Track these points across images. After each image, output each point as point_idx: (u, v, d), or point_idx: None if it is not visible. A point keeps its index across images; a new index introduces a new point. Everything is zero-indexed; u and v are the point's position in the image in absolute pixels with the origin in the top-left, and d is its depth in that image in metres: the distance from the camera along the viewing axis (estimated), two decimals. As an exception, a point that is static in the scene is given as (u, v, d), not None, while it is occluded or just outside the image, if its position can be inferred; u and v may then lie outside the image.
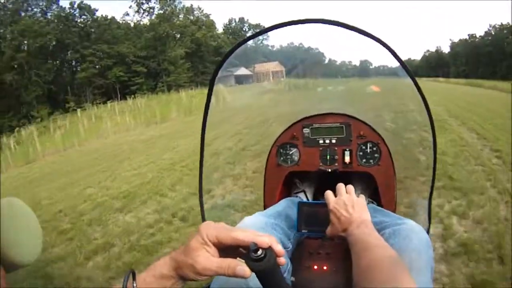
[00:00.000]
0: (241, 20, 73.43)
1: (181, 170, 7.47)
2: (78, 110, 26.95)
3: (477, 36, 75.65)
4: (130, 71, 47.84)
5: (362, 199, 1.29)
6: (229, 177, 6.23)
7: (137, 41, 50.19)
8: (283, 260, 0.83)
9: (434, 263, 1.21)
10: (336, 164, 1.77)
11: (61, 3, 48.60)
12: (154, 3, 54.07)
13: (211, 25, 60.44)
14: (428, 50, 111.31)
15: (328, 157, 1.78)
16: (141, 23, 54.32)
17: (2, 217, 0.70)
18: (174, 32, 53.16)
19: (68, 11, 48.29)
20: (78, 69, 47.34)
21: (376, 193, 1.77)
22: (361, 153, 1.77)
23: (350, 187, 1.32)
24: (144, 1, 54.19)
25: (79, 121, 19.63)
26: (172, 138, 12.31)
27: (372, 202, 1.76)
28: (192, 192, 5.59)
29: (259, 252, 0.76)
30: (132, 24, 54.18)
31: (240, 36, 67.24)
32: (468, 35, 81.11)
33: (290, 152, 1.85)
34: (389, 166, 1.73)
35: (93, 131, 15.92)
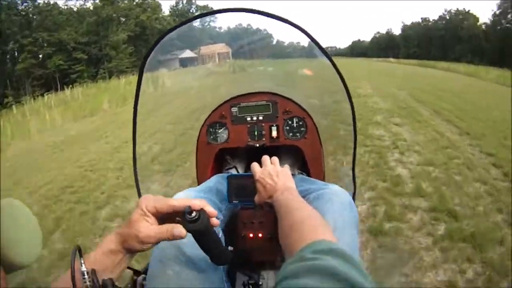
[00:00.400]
0: (188, 1, 72.15)
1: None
2: (14, 105, 24.66)
3: (431, 20, 78.55)
4: (71, 59, 45.39)
5: (287, 168, 1.40)
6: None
7: (79, 26, 48.02)
8: (216, 221, 0.94)
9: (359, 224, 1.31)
10: (264, 139, 1.87)
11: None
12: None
13: (156, 7, 58.88)
14: (378, 32, 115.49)
15: (256, 133, 1.88)
16: (85, 7, 51.92)
17: (1, 218, 0.72)
18: (118, 16, 51.18)
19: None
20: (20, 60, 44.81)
21: (306, 165, 1.87)
22: (287, 128, 1.87)
23: (275, 159, 1.43)
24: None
25: (10, 119, 18.30)
26: (89, 139, 10.71)
27: (302, 173, 1.86)
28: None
29: (193, 213, 0.86)
30: (75, 9, 51.61)
31: (186, 18, 65.73)
32: (421, 18, 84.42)
33: (219, 131, 1.93)
34: (315, 139, 1.84)
35: (24, 129, 14.14)
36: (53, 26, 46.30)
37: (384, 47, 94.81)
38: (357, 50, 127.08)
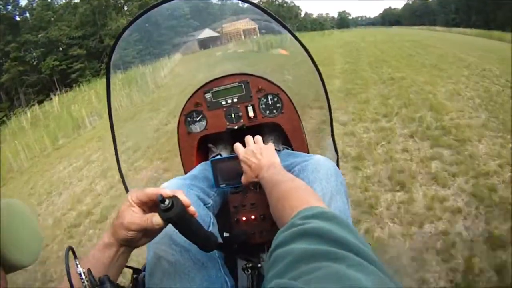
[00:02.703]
0: None
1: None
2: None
3: None
4: (67, 57, 41.58)
5: (270, 145, 1.40)
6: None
7: (72, 19, 43.57)
8: (192, 209, 0.98)
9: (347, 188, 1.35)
10: (242, 120, 1.90)
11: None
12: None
13: None
14: None
15: (233, 115, 1.90)
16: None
17: (1, 218, 0.72)
18: (114, 0, 46.27)
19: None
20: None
21: (288, 140, 1.90)
22: (263, 106, 1.89)
23: (257, 137, 1.46)
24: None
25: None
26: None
27: (287, 148, 1.90)
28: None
29: (166, 201, 0.89)
30: (64, 1, 46.56)
31: None
32: None
33: (197, 119, 1.94)
34: (292, 112, 1.87)
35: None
36: (40, 25, 42.37)
37: (419, 14, 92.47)
38: (389, 18, 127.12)
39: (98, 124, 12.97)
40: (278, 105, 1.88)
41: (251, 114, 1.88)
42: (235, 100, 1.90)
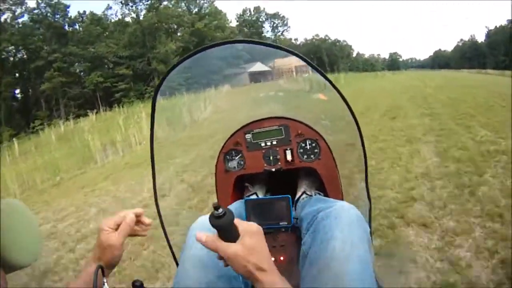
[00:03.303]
0: (256, 9, 65.61)
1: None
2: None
3: None
4: (113, 76, 41.20)
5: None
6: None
7: (121, 37, 43.23)
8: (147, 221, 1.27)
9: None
10: (279, 163, 1.88)
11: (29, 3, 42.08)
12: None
13: (217, 14, 52.33)
14: (461, 40, 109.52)
15: (271, 157, 1.89)
16: (129, 18, 47.02)
17: (2, 218, 0.74)
18: (166, 24, 45.70)
19: (37, 11, 41.60)
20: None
21: (322, 185, 1.86)
22: (301, 150, 1.87)
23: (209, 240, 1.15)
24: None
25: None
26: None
27: (319, 194, 1.84)
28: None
29: (220, 210, 0.93)
30: (116, 19, 47.08)
31: (256, 28, 62.65)
32: (507, 21, 77.73)
33: (236, 158, 1.96)
34: (329, 159, 1.84)
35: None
36: (89, 39, 42.26)
37: (468, 56, 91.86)
38: (439, 60, 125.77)
39: (110, 161, 11.70)
40: (316, 150, 1.86)
41: (289, 157, 1.86)
42: (274, 142, 1.90)
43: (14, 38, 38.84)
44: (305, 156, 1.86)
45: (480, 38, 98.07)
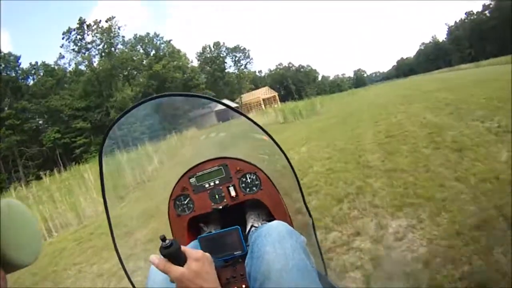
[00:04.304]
0: (216, 45, 64.69)
1: None
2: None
3: (475, 12, 74.91)
4: (72, 130, 39.78)
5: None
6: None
7: (76, 88, 42.04)
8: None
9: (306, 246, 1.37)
10: (225, 200, 1.96)
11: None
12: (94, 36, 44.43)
13: (174, 53, 51.37)
14: (423, 43, 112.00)
15: (216, 196, 1.97)
16: (83, 66, 45.14)
17: (2, 218, 0.73)
18: (122, 69, 44.65)
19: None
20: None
21: (270, 213, 1.97)
22: (243, 185, 1.96)
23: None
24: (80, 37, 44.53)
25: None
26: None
27: (266, 223, 1.71)
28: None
29: (167, 241, 1.05)
30: (70, 69, 45.44)
31: (218, 64, 60.82)
32: (466, 13, 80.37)
33: (185, 202, 2.03)
34: (270, 187, 1.93)
35: None
36: (42, 93, 40.84)
37: (432, 58, 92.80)
38: (403, 68, 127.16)
39: (52, 241, 8.81)
40: (256, 182, 1.95)
41: (233, 193, 1.94)
42: (217, 182, 1.98)
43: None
44: (248, 189, 1.94)
45: (442, 36, 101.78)
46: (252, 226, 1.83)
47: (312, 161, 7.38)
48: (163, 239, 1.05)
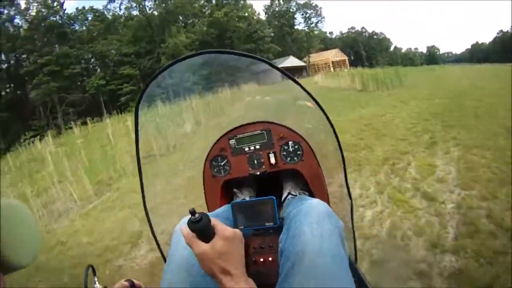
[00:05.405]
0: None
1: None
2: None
3: None
4: (118, 77, 37.15)
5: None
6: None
7: (125, 32, 39.22)
8: None
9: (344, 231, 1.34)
10: (264, 166, 1.90)
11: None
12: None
13: (237, 2, 46.83)
14: (501, 30, 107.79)
15: (255, 161, 1.91)
16: (135, 11, 42.10)
17: (1, 218, 0.75)
18: (179, 14, 41.39)
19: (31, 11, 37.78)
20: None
21: (307, 185, 1.88)
22: (284, 153, 1.88)
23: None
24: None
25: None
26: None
27: (305, 193, 1.86)
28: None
29: (196, 215, 1.00)
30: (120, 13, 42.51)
31: (287, 19, 56.80)
32: None
33: (222, 163, 1.97)
34: (312, 160, 1.86)
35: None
36: (91, 37, 38.86)
37: (510, 48, 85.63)
38: (477, 54, 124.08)
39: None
40: (298, 152, 1.86)
41: (272, 160, 1.86)
42: (257, 147, 1.90)
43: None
44: (288, 158, 1.87)
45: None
46: (289, 193, 1.76)
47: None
48: (193, 212, 0.99)
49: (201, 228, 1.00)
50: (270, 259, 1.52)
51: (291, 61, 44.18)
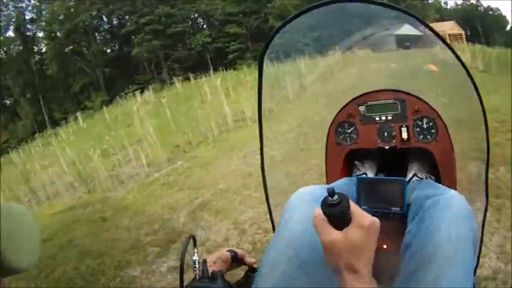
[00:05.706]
0: None
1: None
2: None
3: None
4: (225, 35, 37.24)
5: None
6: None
7: None
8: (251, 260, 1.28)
9: (478, 233, 1.30)
10: (394, 141, 1.80)
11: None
12: None
13: None
14: None
15: (385, 134, 1.81)
16: None
17: (2, 222, 0.74)
18: None
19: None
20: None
21: (434, 168, 1.80)
22: (418, 129, 1.77)
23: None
24: None
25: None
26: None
27: (430, 177, 1.79)
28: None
29: (335, 196, 0.86)
30: None
31: None
32: None
33: (348, 131, 1.90)
34: (446, 141, 1.75)
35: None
36: None
37: None
38: None
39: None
40: (432, 131, 1.73)
41: (404, 135, 1.75)
42: (389, 117, 1.79)
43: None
44: (421, 136, 1.75)
45: None
46: (414, 175, 1.66)
47: None
48: (332, 193, 0.84)
49: (337, 214, 0.85)
50: (384, 246, 1.44)
51: (407, 29, 39.91)
